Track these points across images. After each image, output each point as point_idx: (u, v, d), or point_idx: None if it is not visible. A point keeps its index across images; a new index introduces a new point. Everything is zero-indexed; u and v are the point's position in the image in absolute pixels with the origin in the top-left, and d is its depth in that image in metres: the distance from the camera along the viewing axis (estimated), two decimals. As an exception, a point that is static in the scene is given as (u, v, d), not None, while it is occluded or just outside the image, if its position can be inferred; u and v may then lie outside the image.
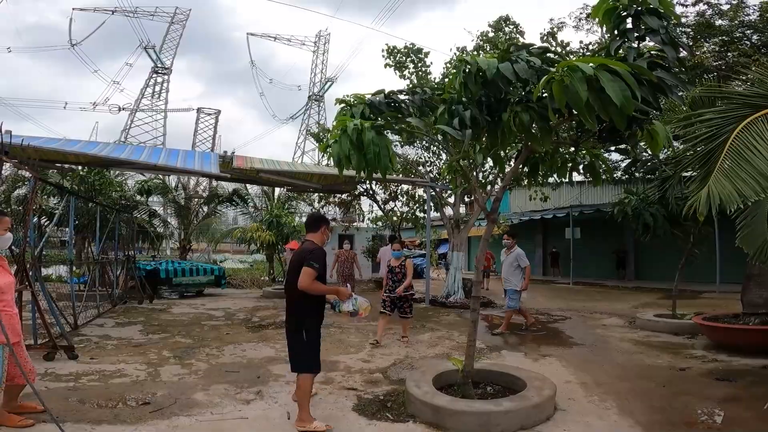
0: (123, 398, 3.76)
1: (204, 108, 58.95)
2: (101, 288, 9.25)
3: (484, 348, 6.21)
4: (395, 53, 9.91)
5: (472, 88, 3.17)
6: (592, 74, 2.32)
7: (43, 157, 7.49)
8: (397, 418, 3.52)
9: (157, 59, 54.20)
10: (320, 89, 59.90)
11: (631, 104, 2.34)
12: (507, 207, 21.60)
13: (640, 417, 3.50)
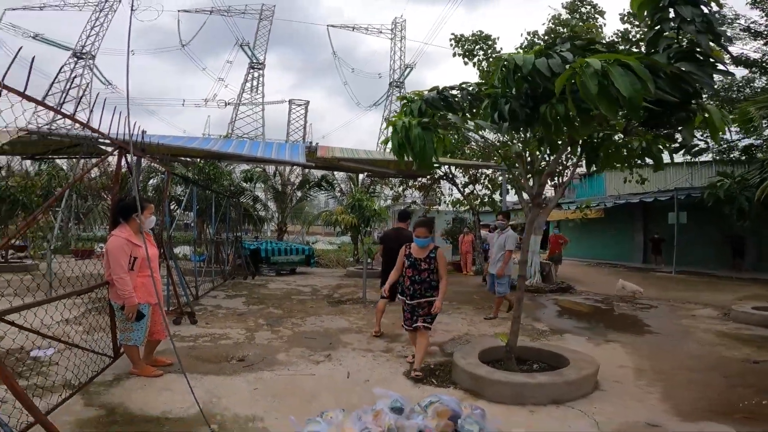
0: (226, 356, 4.70)
1: (295, 99, 63.64)
2: (216, 265, 10.89)
3: (546, 330, 6.34)
4: (462, 42, 9.89)
5: (510, 84, 3.41)
6: (600, 69, 2.47)
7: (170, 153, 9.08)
8: (440, 384, 3.98)
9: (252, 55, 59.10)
10: (400, 76, 60.88)
11: (640, 97, 2.45)
12: (602, 190, 20.24)
13: (681, 404, 3.52)
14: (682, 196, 14.75)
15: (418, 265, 4.29)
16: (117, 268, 3.71)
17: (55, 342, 3.78)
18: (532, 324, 6.77)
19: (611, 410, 3.39)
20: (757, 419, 3.23)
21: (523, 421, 3.18)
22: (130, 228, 3.90)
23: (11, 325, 2.95)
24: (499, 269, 6.83)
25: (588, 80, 2.48)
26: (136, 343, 3.90)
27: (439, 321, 6.81)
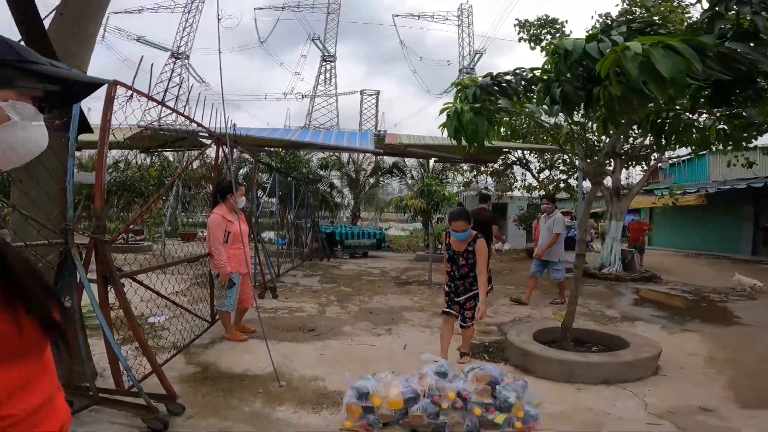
0: (299, 326, 5.27)
1: (365, 90, 65.04)
2: (295, 247, 11.81)
3: (616, 317, 6.15)
4: (528, 27, 9.48)
5: (562, 68, 3.45)
6: (641, 52, 2.46)
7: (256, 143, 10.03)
8: (491, 359, 4.14)
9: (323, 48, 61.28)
10: (470, 62, 59.50)
11: (683, 76, 2.40)
12: (705, 175, 18.28)
13: (745, 393, 3.34)
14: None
15: (457, 259, 3.94)
16: (214, 241, 4.37)
17: (166, 310, 4.58)
18: (602, 311, 6.58)
19: (665, 393, 3.33)
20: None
21: (567, 398, 3.26)
22: (225, 207, 4.54)
23: (140, 284, 3.65)
24: (540, 251, 6.82)
25: (628, 63, 2.48)
26: (228, 309, 4.54)
27: (501, 303, 6.93)
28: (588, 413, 2.97)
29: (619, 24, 3.46)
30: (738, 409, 3.03)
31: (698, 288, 8.90)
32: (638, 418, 2.89)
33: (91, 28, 3.95)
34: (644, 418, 2.87)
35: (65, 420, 0.78)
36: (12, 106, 0.70)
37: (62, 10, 3.78)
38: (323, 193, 15.95)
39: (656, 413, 2.95)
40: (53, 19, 3.71)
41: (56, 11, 3.77)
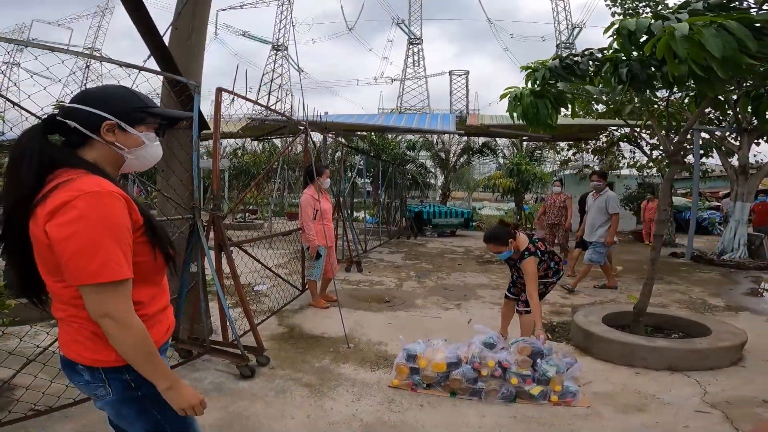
0: (376, 297, 5.76)
1: (454, 70, 63.81)
2: (384, 226, 12.43)
3: (719, 306, 5.61)
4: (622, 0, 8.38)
5: (627, 48, 3.32)
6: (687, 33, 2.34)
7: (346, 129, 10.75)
8: (555, 339, 4.18)
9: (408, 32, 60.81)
10: (568, 37, 54.31)
11: (738, 56, 2.24)
12: None
13: None
14: None
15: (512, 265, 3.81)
16: (304, 217, 5.02)
17: (268, 280, 5.37)
18: (705, 299, 6.02)
19: (733, 384, 3.13)
20: None
21: (620, 380, 3.23)
22: (314, 188, 5.16)
23: (245, 253, 4.40)
24: (608, 237, 6.04)
25: (677, 44, 2.37)
26: (315, 278, 5.20)
27: (585, 285, 6.68)
28: (635, 396, 2.95)
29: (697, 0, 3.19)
30: None
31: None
32: (688, 404, 2.79)
33: (200, 38, 4.73)
34: (694, 406, 2.77)
35: (171, 323, 1.34)
36: (145, 135, 1.25)
37: (176, 26, 4.59)
38: (413, 173, 16.30)
39: (711, 402, 2.82)
40: (171, 34, 4.53)
41: (171, 27, 4.60)
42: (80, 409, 2.51)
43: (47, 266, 1.11)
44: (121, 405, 1.19)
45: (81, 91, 1.25)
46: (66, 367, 1.20)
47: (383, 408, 2.75)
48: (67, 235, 1.02)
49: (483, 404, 2.82)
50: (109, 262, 1.04)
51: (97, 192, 1.06)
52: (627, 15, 8.42)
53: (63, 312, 1.15)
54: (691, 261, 9.48)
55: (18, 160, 1.11)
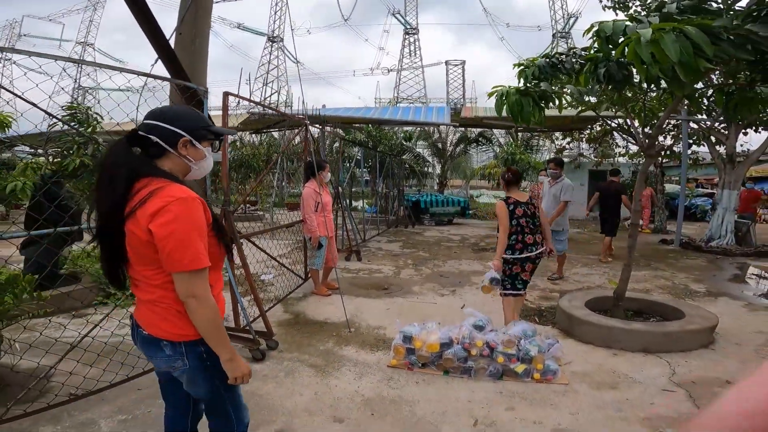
0: (375, 285, 6.07)
1: (451, 60, 64.02)
2: (382, 215, 12.71)
3: (700, 292, 5.93)
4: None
5: (605, 49, 3.56)
6: (650, 38, 2.58)
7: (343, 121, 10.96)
8: (541, 322, 4.51)
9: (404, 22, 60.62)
10: (564, 26, 54.44)
11: (693, 61, 2.49)
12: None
13: None
14: None
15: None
16: (307, 209, 5.29)
17: (273, 270, 5.66)
18: (687, 284, 6.35)
19: (700, 365, 3.44)
20: None
21: (597, 360, 3.55)
22: (315, 182, 5.42)
23: (253, 245, 4.68)
24: (550, 219, 5.88)
25: (642, 49, 2.61)
26: (317, 267, 5.49)
27: (575, 272, 7.02)
28: (610, 375, 3.27)
29: (671, 2, 3.42)
30: None
31: (826, 264, 7.88)
32: (656, 383, 3.09)
33: (204, 42, 4.94)
34: (662, 385, 3.07)
35: (223, 305, 1.62)
36: (207, 150, 1.56)
37: (180, 30, 4.80)
38: (410, 163, 16.52)
39: (677, 382, 3.12)
40: (175, 39, 4.74)
41: (175, 32, 4.80)
42: (115, 392, 2.81)
43: (141, 258, 1.39)
44: (194, 373, 1.47)
45: (158, 110, 1.50)
46: (147, 343, 1.48)
47: (383, 385, 3.07)
48: (167, 233, 1.31)
49: (473, 381, 3.14)
50: (197, 254, 1.34)
51: (185, 198, 1.34)
52: (617, 8, 8.60)
53: (152, 294, 1.42)
54: (680, 248, 9.81)
55: (111, 169, 1.38)
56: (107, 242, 1.41)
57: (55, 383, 2.63)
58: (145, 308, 1.46)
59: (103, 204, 1.38)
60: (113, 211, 1.36)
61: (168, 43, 3.94)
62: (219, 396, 1.52)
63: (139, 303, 1.48)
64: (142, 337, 1.48)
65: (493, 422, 2.58)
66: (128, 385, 2.88)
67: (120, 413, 2.57)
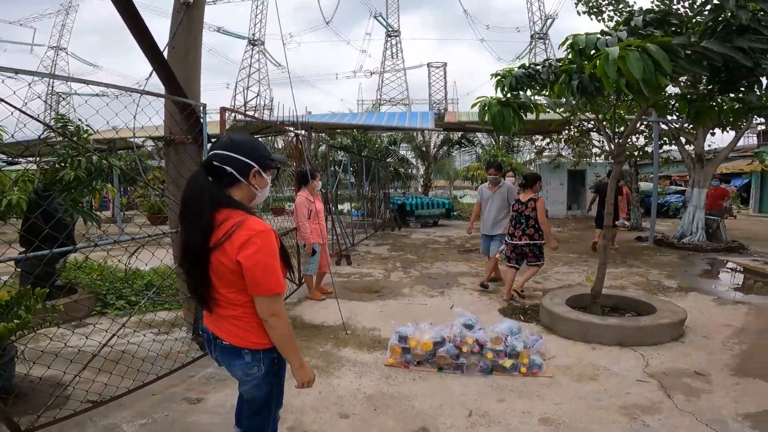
0: (367, 288, 6.28)
1: (432, 62, 64.65)
2: (369, 218, 12.91)
3: (672, 287, 6.30)
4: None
5: (578, 62, 3.85)
6: (617, 56, 2.86)
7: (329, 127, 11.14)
8: (526, 320, 4.79)
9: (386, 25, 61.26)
10: (542, 27, 56.06)
11: (653, 78, 2.78)
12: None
13: (751, 362, 3.61)
14: None
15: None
16: (300, 217, 5.47)
17: None
18: (660, 280, 6.73)
19: (671, 357, 3.73)
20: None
21: (578, 354, 3.84)
22: (308, 189, 5.59)
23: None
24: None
25: (609, 67, 2.89)
26: (311, 272, 5.67)
27: (557, 271, 7.36)
28: (590, 368, 3.55)
29: (639, 13, 3.73)
30: (728, 377, 3.33)
31: (787, 258, 8.41)
32: (631, 375, 3.38)
33: (197, 56, 5.07)
34: (636, 376, 3.36)
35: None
36: (269, 177, 1.69)
37: (173, 45, 4.92)
38: (395, 166, 16.78)
39: (650, 373, 3.41)
40: (168, 52, 4.86)
41: (168, 46, 4.92)
42: (132, 398, 2.96)
43: (224, 282, 1.56)
44: (264, 377, 1.66)
45: (228, 141, 1.63)
46: (228, 353, 1.65)
47: (382, 383, 3.29)
48: (254, 262, 1.49)
49: (465, 376, 3.38)
50: (279, 279, 1.54)
51: (265, 231, 1.52)
52: (591, 13, 9.03)
53: (234, 311, 1.60)
54: (654, 244, 10.30)
55: (198, 200, 1.52)
56: (198, 271, 1.56)
57: (72, 391, 2.76)
58: (226, 322, 1.62)
59: (193, 237, 1.53)
60: (203, 243, 1.51)
61: (164, 59, 4.07)
62: (271, 397, 1.73)
63: (219, 318, 1.64)
64: (222, 347, 1.65)
65: (486, 413, 2.83)
66: (143, 391, 3.04)
67: (140, 417, 2.72)
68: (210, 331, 1.68)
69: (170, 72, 4.01)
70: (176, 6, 4.81)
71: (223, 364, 1.72)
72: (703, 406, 2.87)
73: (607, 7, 8.94)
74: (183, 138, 4.23)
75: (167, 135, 4.36)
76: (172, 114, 4.31)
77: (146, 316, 4.47)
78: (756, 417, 2.69)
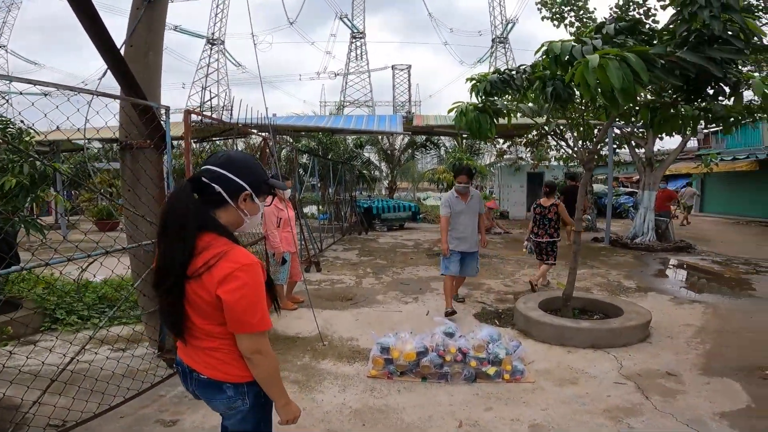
0: (339, 296, 6.15)
1: (397, 65, 65.72)
2: (335, 222, 12.74)
3: (631, 288, 6.59)
4: (550, 5, 9.38)
5: (552, 69, 3.93)
6: (597, 65, 2.94)
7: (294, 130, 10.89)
8: (501, 324, 4.84)
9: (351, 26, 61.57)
10: (503, 31, 58.40)
11: (632, 87, 2.88)
12: (758, 140, 17.50)
13: (715, 360, 3.80)
14: None
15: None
16: (269, 225, 5.26)
17: None
18: (620, 281, 7.02)
19: (642, 358, 3.87)
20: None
21: (555, 358, 3.91)
22: (277, 196, 5.38)
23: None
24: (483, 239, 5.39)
25: (589, 75, 2.96)
26: (282, 282, 5.47)
27: (524, 273, 7.53)
28: (568, 371, 3.62)
29: (610, 21, 3.86)
30: (698, 376, 3.50)
31: (730, 258, 9.03)
32: (609, 377, 3.48)
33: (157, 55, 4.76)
34: (614, 378, 3.46)
35: None
36: (262, 204, 1.54)
37: (131, 43, 4.60)
38: (359, 168, 16.71)
39: (626, 375, 3.53)
40: (126, 51, 4.53)
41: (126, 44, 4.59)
42: (99, 422, 2.71)
43: (201, 313, 1.40)
44: (250, 410, 1.51)
45: (224, 158, 1.46)
46: (207, 387, 1.49)
47: (367, 395, 3.19)
48: (236, 298, 1.34)
49: (450, 385, 3.35)
50: (264, 316, 1.39)
51: (250, 264, 1.37)
52: (554, 18, 9.39)
53: (211, 343, 1.45)
54: (609, 245, 10.80)
55: (182, 220, 1.36)
56: (172, 297, 1.40)
57: (32, 418, 2.49)
58: (203, 354, 1.47)
59: (172, 261, 1.37)
60: (182, 269, 1.36)
61: (122, 57, 3.79)
62: (259, 428, 1.58)
63: (194, 349, 1.49)
64: (200, 381, 1.49)
65: (476, 422, 2.80)
66: (111, 415, 2.79)
67: (108, 447, 2.49)
68: (185, 364, 1.52)
69: (129, 72, 3.73)
70: (136, 2, 4.51)
71: (203, 399, 1.57)
72: (680, 406, 2.98)
73: (569, 14, 9.30)
74: (142, 142, 3.95)
75: (124, 139, 4.06)
76: (130, 117, 4.01)
77: (100, 332, 4.14)
78: (731, 416, 2.83)
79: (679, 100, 3.90)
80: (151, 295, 3.58)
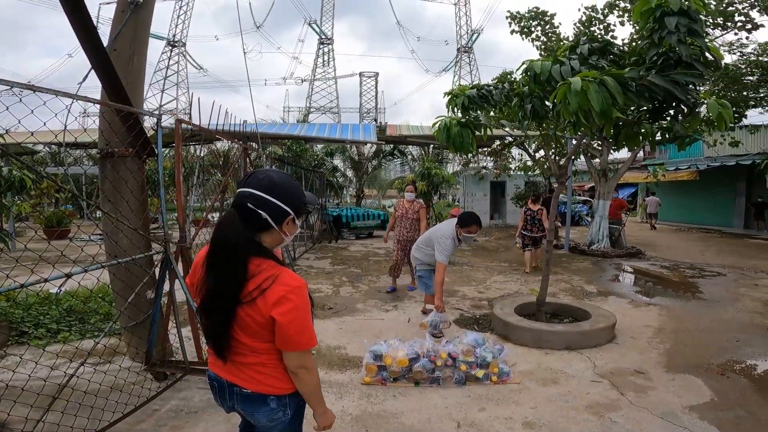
0: (319, 305, 6.17)
1: (364, 72, 66.41)
2: (306, 230, 12.66)
3: (593, 292, 7.02)
4: (518, 18, 9.97)
5: (532, 87, 4.20)
6: (580, 89, 3.22)
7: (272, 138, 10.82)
8: (481, 329, 5.06)
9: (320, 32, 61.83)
10: (468, 41, 60.61)
11: (611, 109, 3.18)
12: (699, 151, 19.03)
13: (677, 358, 4.17)
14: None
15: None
16: None
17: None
18: (582, 286, 7.46)
19: (612, 357, 4.20)
20: (728, 375, 3.81)
21: (535, 360, 4.16)
22: None
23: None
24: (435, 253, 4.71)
25: (571, 97, 3.24)
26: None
27: (495, 280, 7.85)
28: (549, 371, 3.87)
29: (585, 41, 4.18)
30: (663, 373, 3.84)
31: (677, 264, 9.79)
32: (585, 376, 3.75)
33: (141, 61, 4.68)
34: (590, 377, 3.74)
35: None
36: (299, 222, 1.58)
37: (115, 47, 4.51)
38: (327, 175, 16.73)
39: (600, 373, 3.82)
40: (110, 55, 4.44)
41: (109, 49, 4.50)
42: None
43: (250, 333, 1.47)
44: (291, 421, 1.59)
45: (267, 180, 1.49)
46: (251, 401, 1.55)
47: (364, 402, 3.28)
48: (290, 320, 1.42)
49: (442, 389, 3.50)
50: (311, 335, 1.48)
51: (299, 286, 1.46)
52: (522, 32, 9.95)
53: (256, 359, 1.51)
54: (569, 252, 11.42)
55: (234, 250, 1.43)
56: (222, 320, 1.46)
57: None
58: (248, 369, 1.54)
59: (225, 287, 1.43)
60: (236, 296, 1.42)
61: (111, 61, 3.73)
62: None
63: (237, 365, 1.55)
64: (243, 395, 1.56)
65: (473, 422, 2.96)
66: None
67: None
68: (223, 379, 1.58)
69: (116, 78, 3.67)
70: (121, 5, 4.44)
71: (243, 412, 1.63)
72: (653, 401, 3.28)
73: (536, 28, 9.87)
74: (123, 150, 3.86)
75: (104, 147, 3.97)
76: (111, 123, 3.92)
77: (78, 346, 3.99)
78: (699, 409, 3.15)
79: (642, 119, 4.29)
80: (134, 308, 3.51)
